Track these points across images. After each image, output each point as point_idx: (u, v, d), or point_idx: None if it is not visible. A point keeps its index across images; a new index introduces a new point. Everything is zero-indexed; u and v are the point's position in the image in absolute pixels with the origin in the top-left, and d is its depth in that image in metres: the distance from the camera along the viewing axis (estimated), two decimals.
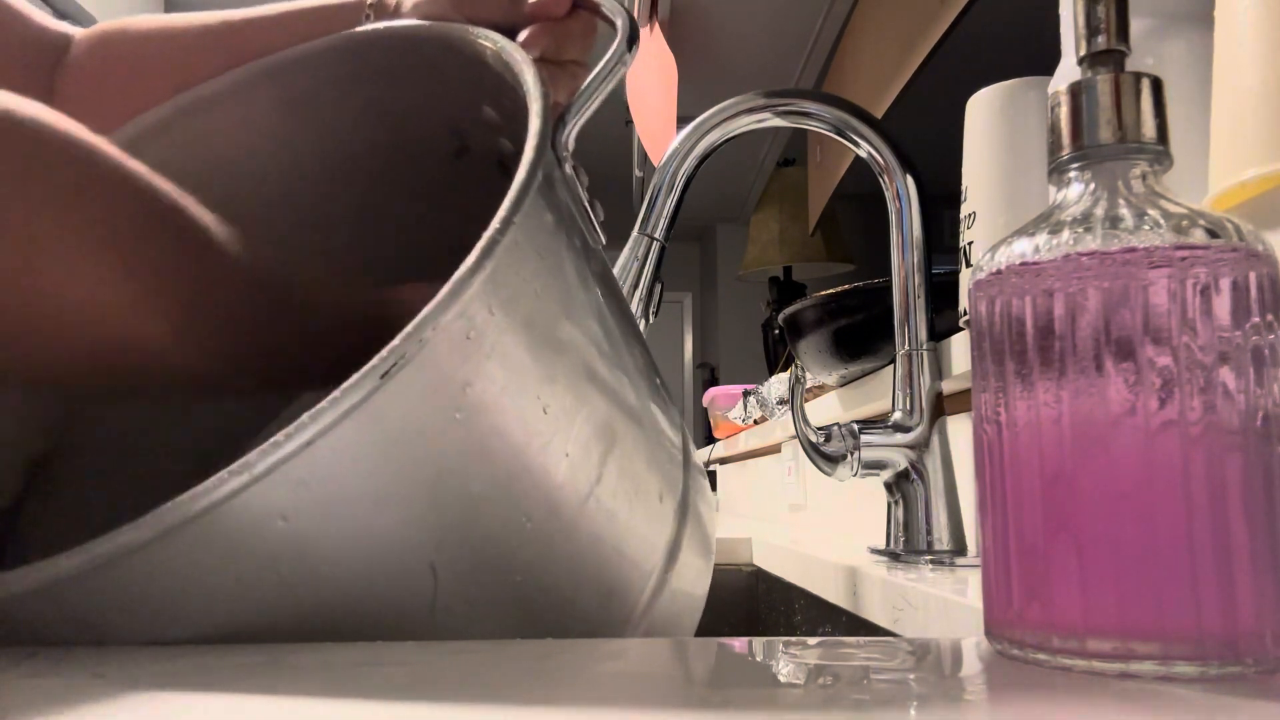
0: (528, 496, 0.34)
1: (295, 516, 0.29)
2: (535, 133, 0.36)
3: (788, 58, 2.52)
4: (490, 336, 0.32)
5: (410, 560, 0.32)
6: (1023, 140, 0.67)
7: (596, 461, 0.37)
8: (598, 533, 0.37)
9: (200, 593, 0.30)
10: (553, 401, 0.34)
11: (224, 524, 0.28)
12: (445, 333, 0.30)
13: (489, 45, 0.43)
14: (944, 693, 0.25)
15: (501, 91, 0.44)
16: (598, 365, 0.38)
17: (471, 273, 0.31)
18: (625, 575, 0.40)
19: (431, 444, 0.31)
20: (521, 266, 0.33)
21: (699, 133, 0.70)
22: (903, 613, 0.55)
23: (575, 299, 0.37)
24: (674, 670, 0.28)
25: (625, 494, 0.39)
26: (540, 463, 0.34)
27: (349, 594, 0.31)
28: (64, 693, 0.24)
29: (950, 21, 1.52)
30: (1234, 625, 0.25)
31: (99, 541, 0.28)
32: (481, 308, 0.31)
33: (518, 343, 0.33)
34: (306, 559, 0.30)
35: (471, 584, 0.34)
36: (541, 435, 0.34)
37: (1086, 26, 0.29)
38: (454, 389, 0.31)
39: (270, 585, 0.30)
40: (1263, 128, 0.38)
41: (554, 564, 0.36)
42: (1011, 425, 0.28)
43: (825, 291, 0.93)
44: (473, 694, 0.24)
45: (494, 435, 0.33)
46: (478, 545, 0.33)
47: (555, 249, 0.36)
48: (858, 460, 0.68)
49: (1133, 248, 0.27)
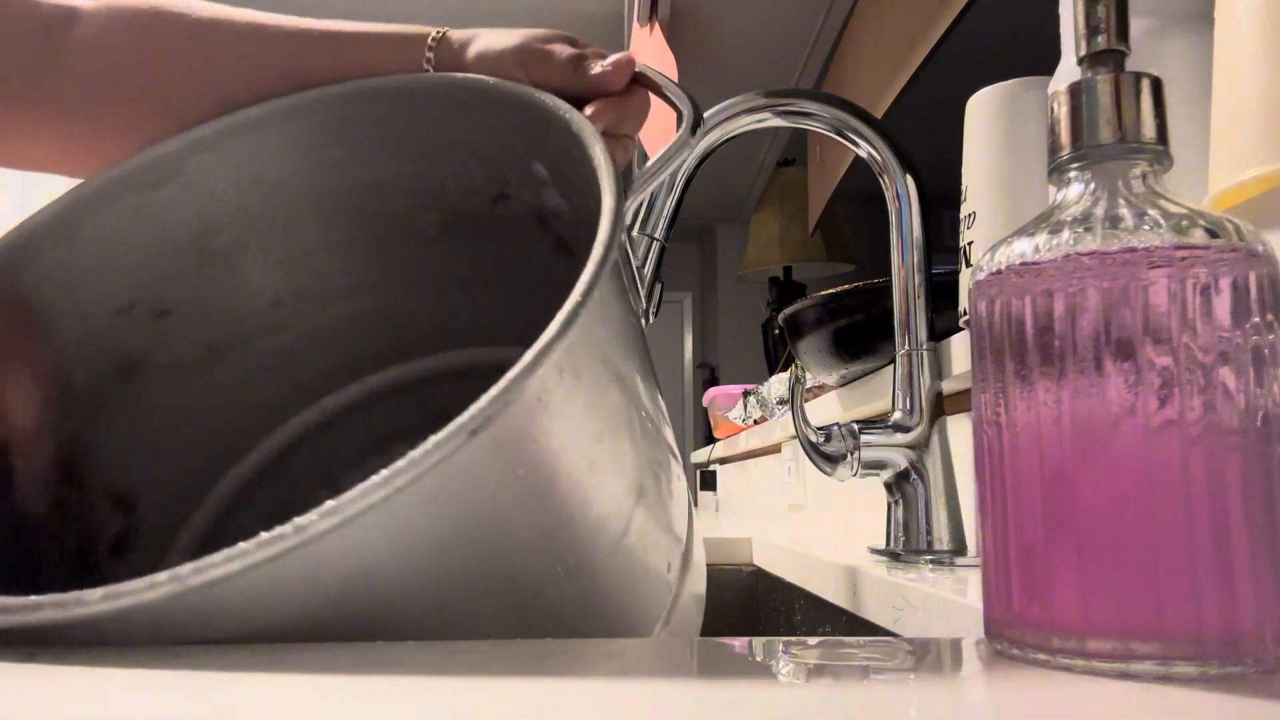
0: (565, 547, 0.36)
1: (367, 556, 0.30)
2: (611, 210, 0.38)
3: (788, 58, 2.52)
4: (558, 398, 0.33)
5: (457, 602, 0.34)
6: (1023, 140, 0.67)
7: (625, 515, 0.39)
8: (619, 580, 0.40)
9: (257, 621, 0.30)
10: (597, 459, 0.37)
11: (304, 560, 0.29)
12: (526, 394, 0.32)
13: (561, 113, 0.45)
14: (944, 693, 0.25)
15: (561, 156, 0.46)
16: (635, 422, 0.40)
17: (555, 339, 0.32)
18: (638, 617, 0.42)
19: (496, 495, 0.33)
20: (591, 334, 0.35)
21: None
22: (903, 613, 0.55)
23: (624, 364, 0.39)
24: (674, 670, 0.28)
25: (645, 545, 0.41)
26: (580, 516, 0.36)
27: (395, 629, 0.32)
28: (64, 693, 0.24)
29: (950, 21, 1.52)
30: (1234, 625, 0.25)
31: (190, 569, 0.28)
32: (555, 372, 0.33)
33: (576, 403, 0.35)
34: (366, 594, 0.31)
35: (504, 626, 0.35)
36: (584, 490, 0.36)
37: (1086, 26, 0.29)
38: (521, 446, 0.33)
39: (325, 617, 0.31)
40: (1263, 128, 0.38)
41: (579, 609, 0.38)
42: (1011, 425, 0.28)
43: (825, 291, 0.93)
44: (473, 694, 0.24)
45: (546, 489, 0.35)
46: (515, 591, 0.35)
47: (615, 317, 0.39)
48: (858, 460, 0.68)
49: (1133, 248, 0.27)
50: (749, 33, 2.42)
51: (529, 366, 0.31)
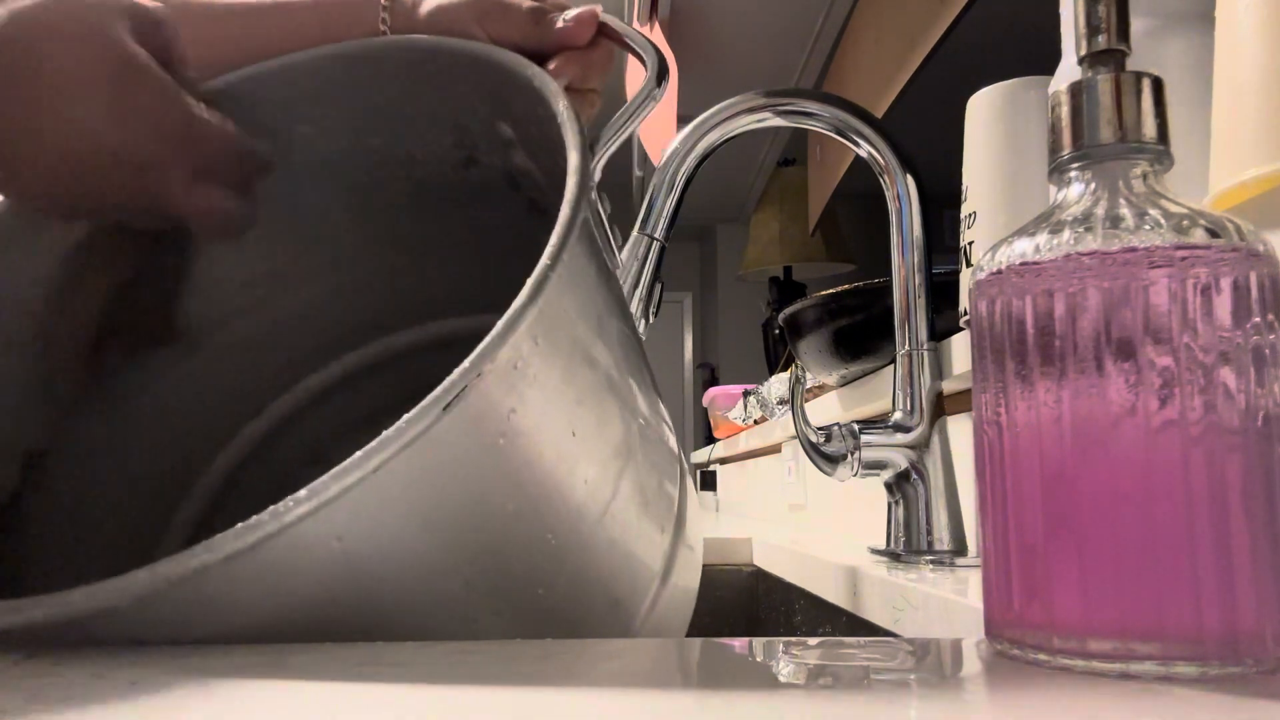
0: (554, 514, 0.36)
1: (349, 537, 0.30)
2: (576, 169, 0.38)
3: (788, 58, 2.52)
4: (534, 365, 0.33)
5: (448, 577, 0.33)
6: (1023, 140, 0.67)
7: (613, 479, 0.38)
8: (611, 545, 0.39)
9: (247, 610, 0.30)
10: (580, 424, 0.36)
11: (285, 547, 0.29)
12: (498, 364, 0.31)
13: (522, 70, 0.44)
14: (944, 693, 0.25)
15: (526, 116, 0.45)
16: (618, 387, 0.39)
17: (525, 307, 0.32)
18: (632, 583, 0.41)
19: (478, 468, 0.32)
20: (563, 298, 0.35)
21: (699, 133, 0.70)
22: (903, 613, 0.55)
23: (600, 324, 0.38)
24: (674, 670, 0.28)
25: (636, 507, 0.40)
26: (567, 482, 0.36)
27: (388, 608, 0.32)
28: (64, 693, 0.24)
29: (950, 21, 1.52)
30: (1234, 625, 0.25)
31: (165, 563, 0.28)
32: (529, 339, 0.32)
33: (555, 369, 0.34)
34: (354, 577, 0.31)
35: (498, 597, 0.35)
36: (569, 457, 0.36)
37: (1087, 26, 0.29)
38: (500, 416, 0.32)
39: (316, 600, 0.31)
40: (1263, 128, 0.38)
41: (571, 576, 0.37)
42: (1012, 425, 0.28)
43: (825, 291, 0.93)
44: (473, 694, 0.24)
45: (530, 458, 0.34)
46: (507, 561, 0.35)
47: (588, 278, 0.38)
48: (858, 460, 0.68)
49: (1133, 248, 0.27)
50: (749, 33, 2.42)
51: (499, 336, 0.31)
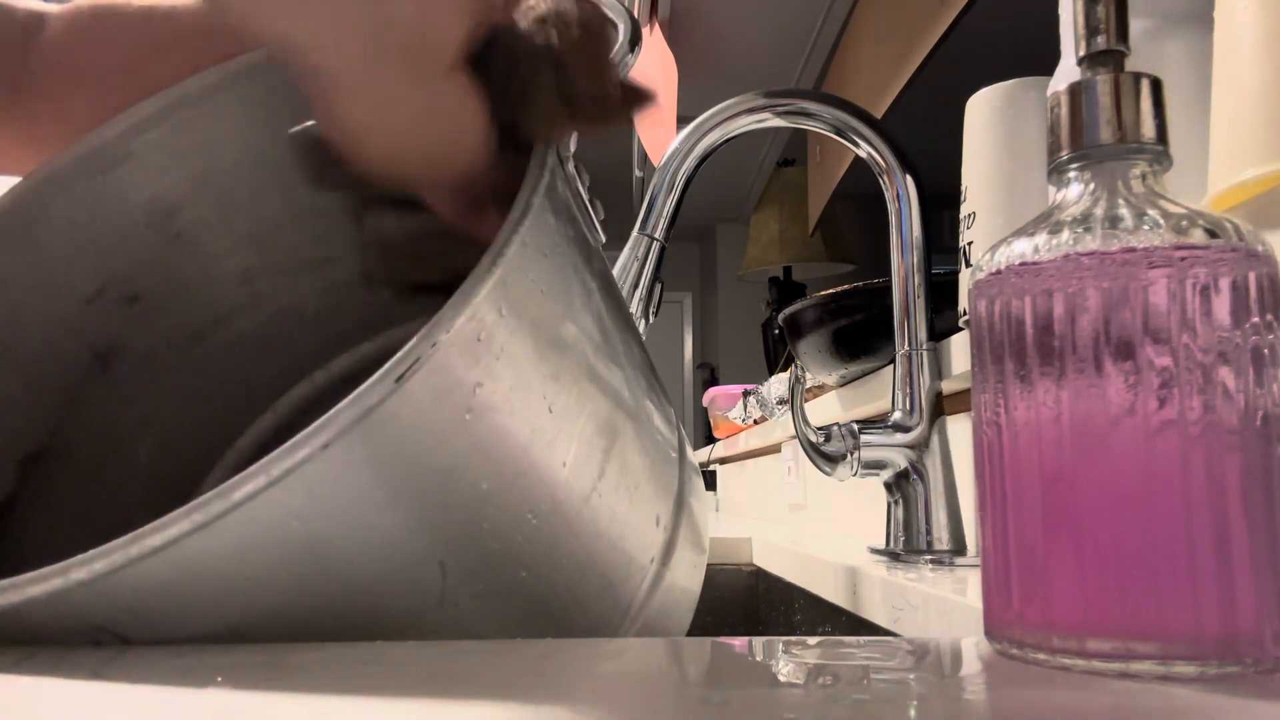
0: (533, 493, 0.35)
1: (310, 517, 0.29)
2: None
3: (788, 58, 2.52)
4: (500, 337, 0.32)
5: (421, 557, 0.32)
6: (1022, 140, 0.67)
7: (599, 458, 0.37)
8: (599, 528, 0.38)
9: (212, 594, 0.30)
10: (557, 399, 0.35)
11: (240, 527, 0.28)
12: (458, 335, 0.30)
13: None
14: (944, 693, 0.25)
15: None
16: (599, 363, 0.38)
17: (483, 276, 0.31)
18: (624, 569, 0.40)
19: (443, 444, 0.31)
20: (529, 268, 0.34)
21: (699, 133, 0.70)
22: (903, 613, 0.55)
23: (577, 298, 0.37)
24: (674, 670, 0.28)
25: (626, 490, 0.39)
26: (545, 460, 0.35)
27: (361, 591, 0.32)
28: (64, 693, 0.24)
29: (950, 21, 1.52)
30: (1234, 625, 0.25)
31: (117, 544, 0.28)
32: (492, 310, 0.31)
33: (525, 342, 0.33)
34: (320, 559, 0.30)
35: (478, 580, 0.34)
36: (546, 433, 0.35)
37: (1086, 26, 0.29)
38: (465, 390, 0.31)
39: (284, 586, 0.30)
40: (1263, 128, 0.38)
41: (557, 558, 0.36)
42: (1011, 425, 0.28)
43: (825, 291, 0.93)
44: (473, 694, 0.24)
45: (502, 434, 0.33)
46: (485, 542, 0.34)
47: (560, 249, 0.37)
48: (858, 460, 0.68)
49: (1132, 248, 0.27)
50: (749, 33, 2.42)
51: (454, 306, 0.30)
